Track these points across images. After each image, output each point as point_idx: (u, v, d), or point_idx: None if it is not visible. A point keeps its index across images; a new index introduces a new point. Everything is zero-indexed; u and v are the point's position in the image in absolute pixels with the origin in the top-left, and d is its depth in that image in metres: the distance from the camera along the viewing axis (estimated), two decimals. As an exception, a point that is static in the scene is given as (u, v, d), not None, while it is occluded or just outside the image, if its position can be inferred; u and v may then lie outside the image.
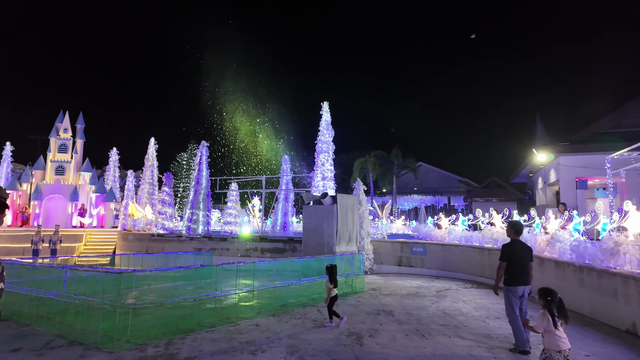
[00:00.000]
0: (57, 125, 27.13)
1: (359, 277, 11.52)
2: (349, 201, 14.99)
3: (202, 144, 21.80)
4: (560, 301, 4.35)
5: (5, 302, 8.66)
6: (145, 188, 26.34)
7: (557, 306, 4.32)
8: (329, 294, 7.55)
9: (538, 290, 4.52)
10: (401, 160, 38.40)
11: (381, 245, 16.35)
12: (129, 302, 8.71)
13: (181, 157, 39.19)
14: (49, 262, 11.60)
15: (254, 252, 17.85)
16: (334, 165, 20.26)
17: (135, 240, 21.49)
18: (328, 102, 20.34)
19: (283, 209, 23.11)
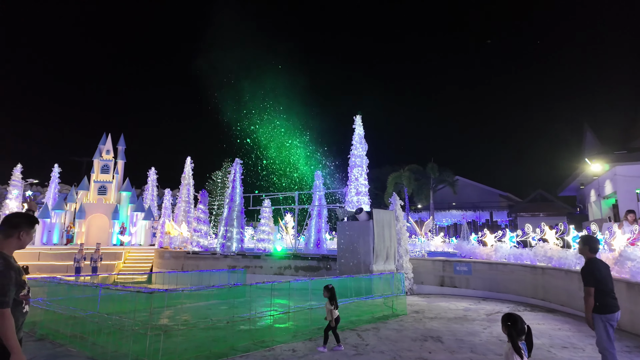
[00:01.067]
0: (100, 147, 28.40)
1: (400, 299, 10.76)
2: (385, 217, 14.31)
3: (236, 162, 21.93)
4: (529, 331, 3.48)
5: (42, 321, 8.66)
6: (181, 206, 26.81)
7: (526, 337, 3.44)
8: (331, 315, 7.06)
9: (502, 317, 3.64)
10: (438, 174, 37.10)
11: (421, 263, 15.44)
12: (161, 322, 8.46)
13: (216, 175, 39.94)
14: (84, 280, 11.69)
15: (287, 270, 17.41)
16: (367, 180, 19.69)
17: (171, 258, 21.68)
18: (361, 116, 19.95)
19: (316, 226, 22.64)
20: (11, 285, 2.81)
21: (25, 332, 8.34)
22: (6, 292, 2.76)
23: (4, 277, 2.78)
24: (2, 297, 2.74)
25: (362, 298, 9.98)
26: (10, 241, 3.00)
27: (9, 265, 2.85)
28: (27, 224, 3.08)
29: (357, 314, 9.82)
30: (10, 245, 3.01)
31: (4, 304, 2.73)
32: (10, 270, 2.84)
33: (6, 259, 2.89)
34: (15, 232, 3.01)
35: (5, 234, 3.00)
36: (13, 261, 2.96)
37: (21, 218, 3.10)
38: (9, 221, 3.04)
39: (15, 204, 28.94)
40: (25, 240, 3.09)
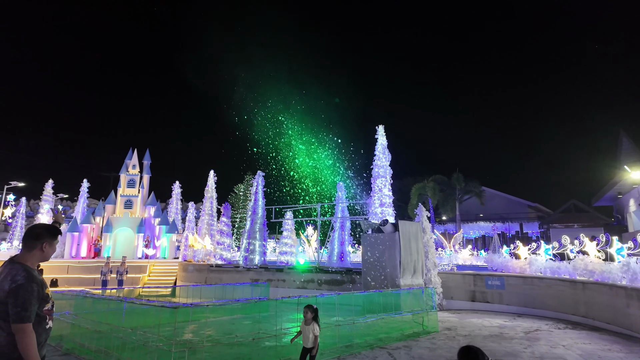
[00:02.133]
0: (127, 162, 29.10)
1: (430, 315, 10.24)
2: (411, 229, 13.84)
3: (258, 174, 21.95)
4: None
5: (69, 335, 8.64)
6: (204, 219, 26.99)
7: None
8: (315, 342, 5.89)
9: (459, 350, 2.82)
10: (463, 184, 36.10)
11: (450, 277, 14.81)
12: (185, 337, 8.29)
13: (238, 187, 40.24)
14: (110, 294, 11.71)
15: (310, 283, 17.06)
16: (391, 191, 19.26)
17: (194, 271, 21.71)
18: (383, 126, 19.66)
19: (339, 238, 22.27)
20: (33, 299, 2.66)
21: (51, 346, 8.35)
22: (28, 306, 2.61)
23: (25, 291, 2.64)
24: (24, 312, 2.59)
25: (390, 314, 9.55)
26: (33, 253, 2.88)
27: (31, 278, 2.72)
28: (49, 235, 2.97)
29: (386, 330, 9.38)
30: (34, 258, 2.89)
31: (25, 318, 2.59)
32: (33, 283, 2.70)
33: (29, 271, 2.76)
34: (38, 244, 2.89)
35: (28, 246, 2.88)
36: (36, 274, 2.83)
37: (43, 229, 2.98)
38: (31, 233, 2.93)
39: (46, 218, 29.89)
40: (48, 252, 2.97)
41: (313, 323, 5.80)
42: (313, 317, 5.86)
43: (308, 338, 5.81)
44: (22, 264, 2.80)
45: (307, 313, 5.90)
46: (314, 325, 5.79)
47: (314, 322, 5.81)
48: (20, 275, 2.68)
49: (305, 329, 5.86)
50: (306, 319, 5.87)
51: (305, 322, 5.86)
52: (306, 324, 5.85)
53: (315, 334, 5.78)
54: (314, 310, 5.95)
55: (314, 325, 5.79)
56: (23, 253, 2.87)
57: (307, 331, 5.84)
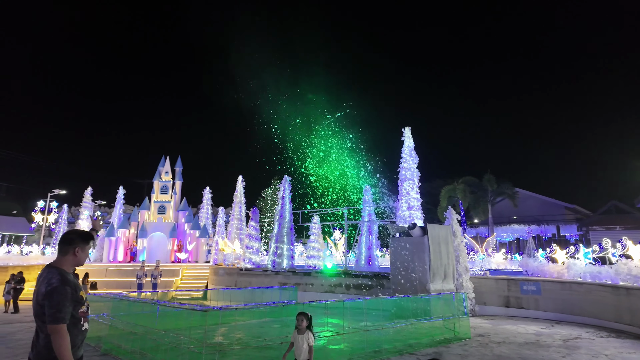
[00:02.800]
0: (160, 169, 30.15)
1: (462, 321, 9.97)
2: (441, 232, 13.54)
3: (285, 179, 22.18)
4: None
5: (107, 336, 9.03)
6: (234, 224, 27.51)
7: None
8: (311, 353, 5.27)
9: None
10: (495, 186, 34.94)
11: (482, 282, 14.36)
12: (216, 340, 8.46)
13: (266, 192, 40.74)
14: (144, 297, 12.13)
15: (338, 288, 17.01)
16: (419, 194, 18.91)
17: (225, 274, 22.14)
18: (410, 128, 19.38)
19: (367, 242, 22.10)
20: (67, 301, 2.77)
21: (91, 347, 8.75)
22: (61, 308, 2.72)
23: (59, 294, 2.75)
24: (57, 313, 2.70)
25: (420, 320, 9.37)
26: (67, 258, 3.01)
27: (65, 281, 2.83)
28: (82, 240, 3.08)
29: (416, 336, 9.22)
30: (67, 262, 3.01)
31: (59, 319, 2.69)
32: (66, 286, 2.81)
33: (62, 275, 2.88)
34: (71, 249, 3.02)
35: (62, 251, 3.02)
36: (71, 277, 2.95)
37: (76, 235, 3.11)
38: (64, 238, 3.07)
39: (86, 224, 31.41)
40: (81, 257, 3.08)
41: (307, 332, 5.20)
42: (307, 326, 5.25)
43: (301, 349, 5.17)
44: (57, 268, 2.93)
45: (301, 321, 5.23)
46: (309, 335, 5.19)
47: (309, 331, 5.21)
48: (55, 279, 2.80)
49: (298, 338, 5.20)
50: (300, 327, 5.22)
51: (299, 331, 5.22)
52: (299, 333, 5.21)
53: (310, 343, 5.19)
54: (308, 318, 5.33)
55: (309, 335, 5.19)
56: (58, 258, 3.01)
57: (300, 341, 5.18)
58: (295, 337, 5.22)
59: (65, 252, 3.01)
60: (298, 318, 5.23)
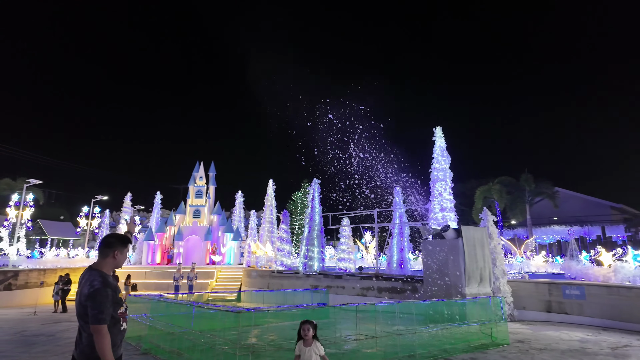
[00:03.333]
0: (194, 175, 31.13)
1: (500, 326, 9.60)
2: (476, 234, 13.14)
3: (314, 182, 22.27)
4: None
5: (146, 336, 9.40)
6: (265, 227, 27.93)
7: None
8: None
9: None
10: (534, 185, 33.43)
11: (521, 286, 13.78)
12: (249, 341, 8.61)
13: (296, 195, 41.11)
14: (181, 298, 12.53)
15: (370, 291, 16.85)
16: (452, 195, 18.42)
17: (257, 276, 22.50)
18: (441, 127, 18.95)
19: (398, 245, 21.75)
20: (108, 303, 2.89)
21: (132, 346, 9.14)
22: (103, 309, 2.84)
23: (100, 295, 2.86)
24: (99, 314, 2.82)
25: (455, 324, 9.12)
26: (107, 260, 3.14)
27: (106, 283, 2.95)
28: (120, 243, 3.21)
29: (451, 341, 8.97)
30: (107, 265, 3.14)
31: (101, 320, 2.81)
32: (107, 288, 2.93)
33: (104, 277, 3.00)
34: (111, 252, 3.15)
35: (102, 254, 3.15)
36: (111, 280, 3.08)
37: (115, 238, 3.24)
38: (104, 242, 3.20)
39: (125, 228, 32.88)
40: (119, 260, 3.20)
41: (315, 342, 4.46)
42: (314, 335, 4.52)
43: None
44: (99, 271, 3.06)
45: (307, 330, 4.45)
46: (317, 345, 4.45)
47: (316, 341, 4.48)
48: (97, 281, 2.93)
49: (305, 350, 4.41)
50: (306, 338, 4.44)
51: (305, 342, 4.43)
52: (306, 344, 4.41)
53: (320, 354, 4.46)
54: (314, 326, 4.58)
55: (317, 345, 4.45)
56: (99, 260, 3.16)
57: (308, 354, 4.40)
58: (302, 349, 4.44)
59: (105, 254, 3.14)
60: (304, 327, 4.48)
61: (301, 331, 4.45)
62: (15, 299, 18.57)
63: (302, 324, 4.52)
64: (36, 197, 36.43)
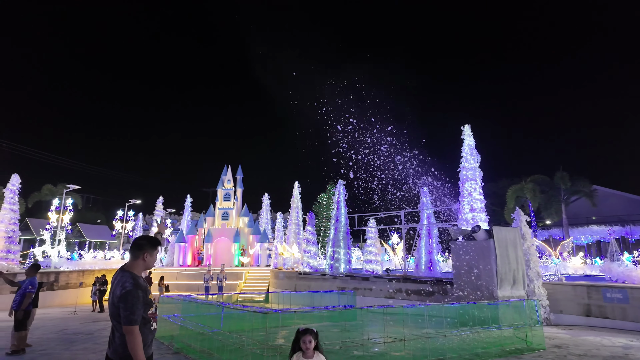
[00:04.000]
0: (223, 178, 31.81)
1: (535, 330, 9.23)
2: (508, 235, 12.69)
3: (339, 183, 22.23)
4: None
5: (178, 335, 9.66)
6: (291, 228, 28.13)
7: None
8: None
9: None
10: (569, 184, 31.98)
11: (557, 289, 13.20)
12: (277, 342, 8.67)
13: (321, 197, 41.16)
14: (211, 299, 12.80)
15: (398, 293, 16.61)
16: (482, 195, 17.89)
17: (285, 278, 22.67)
18: (470, 125, 18.47)
19: (427, 246, 21.34)
20: (139, 304, 2.96)
21: (164, 345, 9.42)
22: (134, 310, 2.92)
23: (132, 297, 2.94)
24: (131, 315, 2.90)
25: (487, 328, 8.83)
26: (137, 262, 3.23)
27: (137, 285, 3.03)
28: (150, 246, 3.27)
29: (483, 345, 8.70)
30: (138, 266, 3.23)
31: (132, 321, 2.89)
32: (138, 289, 3.01)
33: (135, 278, 3.08)
34: (141, 254, 3.22)
35: (133, 255, 3.24)
36: (141, 281, 3.15)
37: (144, 240, 3.30)
38: (135, 244, 3.28)
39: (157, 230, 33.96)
40: (149, 261, 3.27)
41: (317, 354, 3.74)
42: (316, 345, 3.77)
43: None
44: (130, 272, 3.14)
45: (309, 341, 3.69)
46: (319, 357, 3.75)
47: (318, 352, 3.76)
48: (128, 282, 3.01)
49: None
50: (306, 348, 3.68)
51: (306, 354, 3.69)
52: (307, 356, 3.69)
53: None
54: (315, 335, 3.81)
55: (319, 357, 3.75)
56: (130, 262, 3.24)
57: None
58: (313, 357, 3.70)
59: (136, 256, 3.23)
60: (304, 339, 3.70)
61: (301, 343, 3.69)
62: (57, 299, 19.56)
63: (301, 334, 3.76)
64: (75, 201, 38.29)
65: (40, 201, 44.16)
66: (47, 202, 36.77)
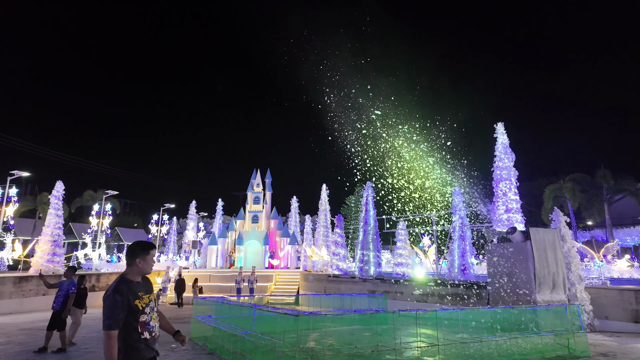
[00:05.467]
0: (252, 182, 32.34)
1: (578, 336, 8.76)
2: (547, 237, 12.14)
3: (367, 185, 22.06)
4: None
5: (212, 336, 9.87)
6: (320, 231, 28.17)
7: None
8: None
9: None
10: (612, 182, 30.25)
11: (602, 293, 12.48)
12: (308, 345, 8.68)
13: (349, 199, 41.05)
14: (242, 301, 12.99)
15: (431, 297, 16.25)
16: (518, 195, 17.22)
17: (314, 280, 22.71)
18: (503, 123, 17.85)
19: (460, 249, 20.77)
20: (116, 309, 2.89)
21: (199, 346, 9.65)
22: (110, 314, 2.87)
23: (109, 301, 2.91)
24: (106, 320, 2.87)
25: (525, 333, 8.48)
26: (132, 268, 3.20)
27: (117, 290, 2.98)
28: (142, 251, 3.22)
29: (521, 352, 8.35)
30: (133, 272, 3.19)
31: (107, 325, 2.86)
32: (116, 294, 2.94)
33: (120, 283, 3.04)
34: (133, 260, 3.20)
35: (127, 262, 3.23)
36: (127, 287, 3.06)
37: (137, 246, 3.26)
38: (128, 250, 3.29)
39: (192, 233, 34.96)
40: (143, 267, 3.21)
41: None
42: None
43: None
44: (121, 277, 3.14)
45: None
46: None
47: None
48: (112, 287, 3.01)
49: None
50: None
51: None
52: None
53: None
54: None
55: None
56: (127, 268, 3.23)
57: None
58: None
59: (129, 263, 3.22)
60: None
61: None
62: (98, 300, 20.44)
63: None
64: (114, 206, 40.09)
65: (82, 206, 46.57)
66: (88, 207, 38.73)
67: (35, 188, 46.20)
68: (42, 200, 40.40)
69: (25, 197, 39.33)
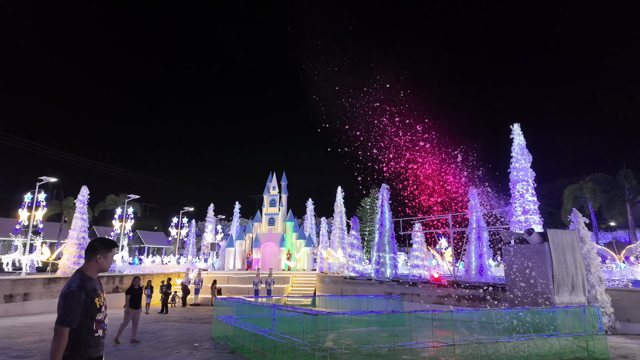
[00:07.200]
0: (268, 185, 32.79)
1: (597, 338, 8.72)
2: (565, 238, 12.05)
3: (383, 187, 22.15)
4: None
5: (233, 336, 10.19)
6: (336, 233, 28.36)
7: None
8: None
9: None
10: (635, 182, 29.50)
11: (624, 295, 12.30)
12: (327, 344, 8.91)
13: (364, 201, 41.07)
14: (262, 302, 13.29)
15: (447, 299, 16.24)
16: (535, 196, 17.08)
17: (330, 282, 22.90)
18: (519, 124, 17.74)
19: (477, 251, 20.64)
20: (78, 307, 2.84)
21: (220, 345, 9.99)
22: (70, 311, 2.80)
23: (72, 298, 2.84)
24: (65, 316, 2.78)
25: (542, 335, 8.50)
26: (91, 264, 3.10)
27: (82, 287, 2.91)
28: (104, 248, 3.16)
29: (539, 353, 8.37)
30: (92, 268, 3.10)
31: (64, 322, 2.78)
32: (81, 292, 2.88)
33: (83, 280, 2.97)
34: (94, 256, 3.11)
35: (86, 257, 3.14)
36: (90, 284, 3.01)
37: (98, 243, 3.21)
38: (89, 246, 3.19)
39: (210, 236, 35.62)
40: (103, 264, 3.15)
41: None
42: None
43: None
44: (82, 273, 3.05)
45: None
46: None
47: None
48: (75, 283, 2.92)
49: None
50: None
51: None
52: None
53: None
54: None
55: None
56: (84, 264, 3.14)
57: None
58: None
59: (89, 258, 3.12)
60: None
61: None
62: (121, 301, 21.07)
63: None
64: (135, 210, 41.21)
65: (104, 210, 47.97)
66: (111, 211, 39.89)
67: (60, 193, 47.93)
68: (67, 205, 41.87)
69: (52, 202, 40.82)
